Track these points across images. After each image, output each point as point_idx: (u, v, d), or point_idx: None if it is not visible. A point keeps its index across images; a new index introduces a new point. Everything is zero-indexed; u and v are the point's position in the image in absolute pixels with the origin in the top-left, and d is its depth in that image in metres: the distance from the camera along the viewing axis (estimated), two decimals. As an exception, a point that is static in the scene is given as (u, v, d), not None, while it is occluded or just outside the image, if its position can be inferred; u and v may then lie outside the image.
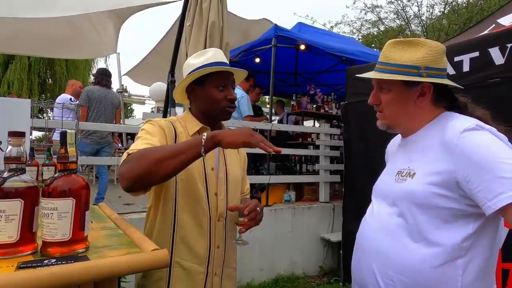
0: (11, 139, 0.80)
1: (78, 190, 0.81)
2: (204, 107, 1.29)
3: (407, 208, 0.98)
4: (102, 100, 4.32)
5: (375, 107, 1.13)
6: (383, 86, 1.08)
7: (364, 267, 1.08)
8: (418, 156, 1.03)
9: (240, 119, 4.26)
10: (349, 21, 15.48)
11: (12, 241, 0.75)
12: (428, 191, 0.94)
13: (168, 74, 2.99)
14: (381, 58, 1.07)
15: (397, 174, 1.06)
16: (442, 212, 0.93)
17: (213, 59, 1.28)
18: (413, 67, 1.01)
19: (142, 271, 0.76)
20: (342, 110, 3.60)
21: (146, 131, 1.18)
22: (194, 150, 1.00)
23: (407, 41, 1.04)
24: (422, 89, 1.03)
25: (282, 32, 4.69)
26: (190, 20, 2.66)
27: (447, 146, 0.94)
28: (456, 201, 0.92)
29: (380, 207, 1.09)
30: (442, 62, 1.03)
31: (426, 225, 0.95)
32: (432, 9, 14.10)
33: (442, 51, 1.03)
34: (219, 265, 1.26)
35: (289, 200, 4.04)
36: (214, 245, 1.23)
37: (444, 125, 0.99)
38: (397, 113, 1.08)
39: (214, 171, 1.27)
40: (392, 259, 0.99)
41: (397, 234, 0.99)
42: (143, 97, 13.73)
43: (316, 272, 3.83)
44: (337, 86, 6.67)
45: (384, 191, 1.11)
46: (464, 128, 0.93)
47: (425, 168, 0.98)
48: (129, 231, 0.99)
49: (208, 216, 1.22)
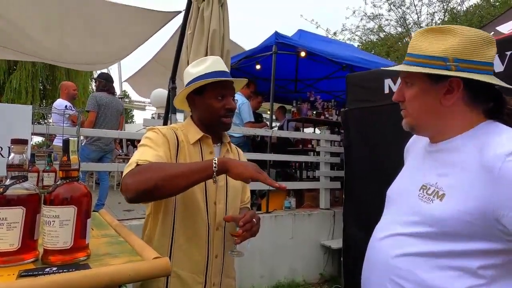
0: (14, 147, 0.80)
1: (80, 197, 0.81)
2: (203, 117, 1.30)
3: (430, 232, 0.86)
4: (109, 106, 4.34)
5: (400, 105, 0.99)
6: (407, 81, 0.95)
7: (376, 284, 0.97)
8: (449, 173, 0.87)
9: (241, 125, 4.27)
10: (351, 29, 15.56)
11: (14, 249, 0.75)
12: (459, 219, 0.80)
13: (169, 81, 3.01)
14: (409, 49, 0.94)
15: (422, 189, 0.91)
16: (470, 242, 0.81)
17: (212, 68, 1.27)
18: (440, 58, 0.86)
19: (143, 279, 0.76)
20: (342, 117, 3.60)
21: (151, 140, 1.18)
22: (204, 173, 1.04)
23: (439, 29, 0.89)
24: (450, 84, 0.87)
25: (283, 39, 4.73)
26: (191, 28, 2.69)
27: (488, 170, 0.78)
28: (490, 235, 0.79)
29: (396, 221, 0.96)
30: (480, 54, 0.86)
31: (447, 251, 0.83)
32: (432, 17, 14.22)
33: (481, 40, 0.86)
34: (218, 274, 1.25)
35: (290, 206, 4.04)
36: (212, 254, 1.23)
37: (486, 140, 0.83)
38: (420, 112, 0.93)
39: (214, 179, 1.27)
40: (406, 280, 0.88)
41: (413, 254, 0.88)
42: (144, 103, 13.78)
43: (316, 279, 3.81)
44: (337, 93, 6.70)
45: (403, 204, 0.98)
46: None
47: (457, 191, 0.83)
48: (130, 238, 0.99)
49: (206, 225, 1.22)
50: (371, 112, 3.09)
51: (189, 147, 1.25)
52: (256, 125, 4.55)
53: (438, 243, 0.85)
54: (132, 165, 1.06)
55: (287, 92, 7.14)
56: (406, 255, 0.89)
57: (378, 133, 2.99)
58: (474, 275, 0.81)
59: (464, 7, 13.64)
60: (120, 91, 7.73)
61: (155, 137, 1.19)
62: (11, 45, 5.00)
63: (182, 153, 1.23)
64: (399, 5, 14.09)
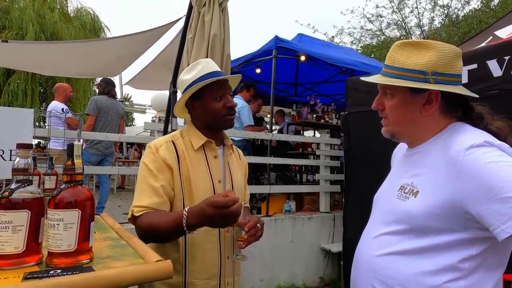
0: (19, 151, 0.81)
1: (84, 201, 0.82)
2: (206, 120, 1.30)
3: (408, 229, 0.92)
4: (110, 110, 4.34)
5: (379, 113, 1.06)
6: (387, 91, 1.01)
7: (362, 284, 1.02)
8: (422, 173, 0.95)
9: (241, 129, 4.29)
10: (350, 31, 15.57)
11: (19, 251, 0.76)
12: (431, 213, 0.87)
13: (170, 85, 3.02)
14: (387, 61, 1.00)
15: (400, 190, 0.98)
16: (444, 234, 0.87)
17: (204, 70, 1.28)
18: (419, 72, 0.92)
19: (146, 282, 0.77)
20: (342, 120, 3.62)
21: (149, 171, 1.20)
22: (180, 232, 1.09)
23: (416, 43, 0.95)
24: (429, 96, 0.94)
25: (283, 43, 4.75)
26: (192, 32, 2.71)
27: (452, 164, 0.86)
28: (461, 225, 0.85)
29: (379, 221, 1.04)
30: (454, 67, 0.93)
31: (425, 247, 0.89)
32: (432, 21, 14.27)
33: (455, 55, 0.93)
34: (230, 274, 1.28)
35: (289, 210, 4.04)
36: (225, 256, 1.25)
37: (450, 139, 0.91)
38: (401, 121, 1.00)
39: (221, 183, 1.29)
40: (389, 277, 0.93)
41: (395, 252, 0.94)
42: (144, 106, 13.80)
43: (316, 283, 3.81)
44: (337, 96, 6.73)
45: (384, 205, 1.06)
46: (471, 144, 0.84)
47: (428, 188, 0.90)
48: (132, 241, 1.00)
49: (217, 229, 1.23)
50: (371, 115, 3.06)
51: (192, 154, 1.26)
52: (256, 128, 4.57)
53: (416, 239, 0.91)
54: (130, 211, 1.17)
55: (287, 95, 7.16)
56: (388, 254, 0.95)
57: (378, 137, 2.99)
58: (453, 268, 0.86)
59: (464, 12, 13.69)
60: (121, 94, 7.75)
61: (153, 165, 1.21)
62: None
63: (183, 164, 1.24)
64: (401, 8, 14.17)
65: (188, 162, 1.24)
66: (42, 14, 11.36)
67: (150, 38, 5.34)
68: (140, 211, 1.15)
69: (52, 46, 5.30)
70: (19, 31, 10.74)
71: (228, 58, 2.79)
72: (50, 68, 5.93)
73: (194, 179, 1.22)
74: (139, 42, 5.31)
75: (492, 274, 0.87)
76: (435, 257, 0.88)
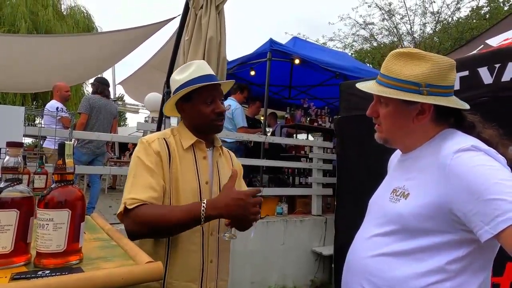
0: (9, 149, 0.80)
1: (74, 201, 0.81)
2: (194, 123, 1.30)
3: (398, 230, 0.95)
4: (102, 110, 4.31)
5: (373, 119, 1.09)
6: (382, 100, 1.04)
7: (353, 284, 1.04)
8: (414, 177, 0.98)
9: (234, 130, 4.29)
10: (341, 37, 15.65)
11: (6, 251, 0.74)
12: (419, 214, 0.90)
13: (164, 85, 3.01)
14: (383, 70, 1.03)
15: (392, 193, 1.02)
16: (432, 236, 0.89)
17: (197, 73, 1.27)
18: (413, 83, 0.95)
19: (136, 283, 0.76)
20: (335, 124, 3.64)
21: (143, 165, 1.18)
22: (195, 222, 1.10)
23: (411, 54, 0.98)
24: (422, 106, 0.98)
25: (277, 46, 4.77)
26: (188, 34, 2.71)
27: (441, 168, 0.89)
28: (448, 226, 0.88)
29: (372, 224, 1.06)
30: (447, 79, 0.96)
31: (414, 248, 0.92)
32: (424, 27, 14.43)
33: (449, 67, 0.96)
34: (213, 279, 1.25)
35: (281, 212, 4.04)
36: (207, 260, 1.23)
37: (440, 144, 0.95)
38: (394, 129, 1.04)
39: (208, 184, 1.27)
40: (379, 278, 0.96)
41: (386, 253, 0.96)
42: (137, 106, 13.70)
43: (307, 285, 3.81)
44: (330, 100, 6.76)
45: (377, 208, 1.09)
46: (458, 148, 0.88)
47: (419, 190, 0.94)
48: (123, 242, 0.99)
49: (200, 231, 1.21)
50: (364, 120, 3.10)
51: (181, 153, 1.25)
52: (250, 130, 4.57)
53: (406, 241, 0.94)
54: (122, 205, 1.13)
55: (281, 98, 7.18)
56: (380, 255, 0.98)
57: (370, 140, 3.01)
58: (440, 270, 0.88)
59: (454, 18, 13.86)
60: (114, 94, 7.69)
61: (146, 159, 1.19)
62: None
63: (174, 162, 1.23)
64: (392, 15, 14.28)
65: (177, 161, 1.23)
66: (35, 11, 11.23)
67: (143, 35, 5.28)
68: (135, 203, 1.11)
69: (41, 43, 5.12)
70: (11, 27, 10.60)
71: (224, 61, 2.79)
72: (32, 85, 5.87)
73: (181, 178, 1.21)
74: (128, 40, 5.25)
75: (477, 276, 0.89)
76: (424, 258, 0.90)
